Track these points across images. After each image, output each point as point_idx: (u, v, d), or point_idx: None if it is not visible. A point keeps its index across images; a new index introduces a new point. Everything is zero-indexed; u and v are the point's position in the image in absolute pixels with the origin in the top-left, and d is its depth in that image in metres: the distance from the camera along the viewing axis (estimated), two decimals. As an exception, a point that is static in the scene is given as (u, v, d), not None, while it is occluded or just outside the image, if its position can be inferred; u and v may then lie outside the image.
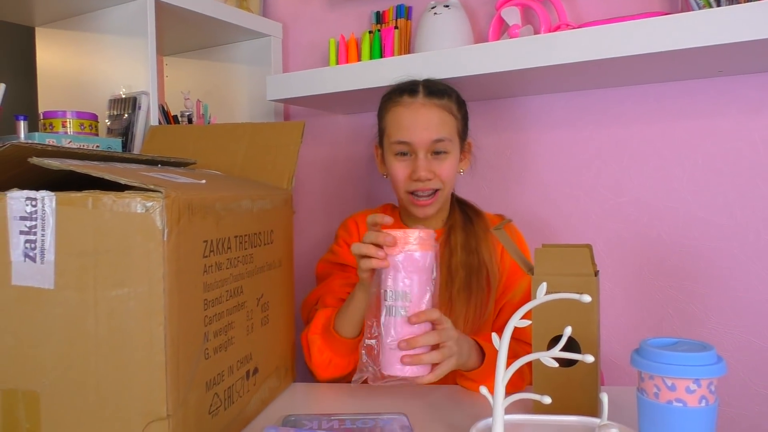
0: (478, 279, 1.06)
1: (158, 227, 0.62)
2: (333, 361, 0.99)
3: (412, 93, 1.08)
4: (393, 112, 1.10)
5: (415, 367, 0.80)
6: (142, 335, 0.62)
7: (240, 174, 1.05)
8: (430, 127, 1.05)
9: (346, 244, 1.15)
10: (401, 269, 0.80)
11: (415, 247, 0.80)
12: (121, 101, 1.23)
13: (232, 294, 0.77)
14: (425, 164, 1.05)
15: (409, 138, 1.06)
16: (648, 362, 0.65)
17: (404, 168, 1.08)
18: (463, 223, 1.12)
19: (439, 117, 1.06)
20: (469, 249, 1.08)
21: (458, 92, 1.12)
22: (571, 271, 0.77)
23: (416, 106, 1.07)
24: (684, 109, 1.17)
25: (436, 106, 1.07)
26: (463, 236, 1.10)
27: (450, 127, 1.07)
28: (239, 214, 0.79)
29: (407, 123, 1.06)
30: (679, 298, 1.17)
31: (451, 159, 1.08)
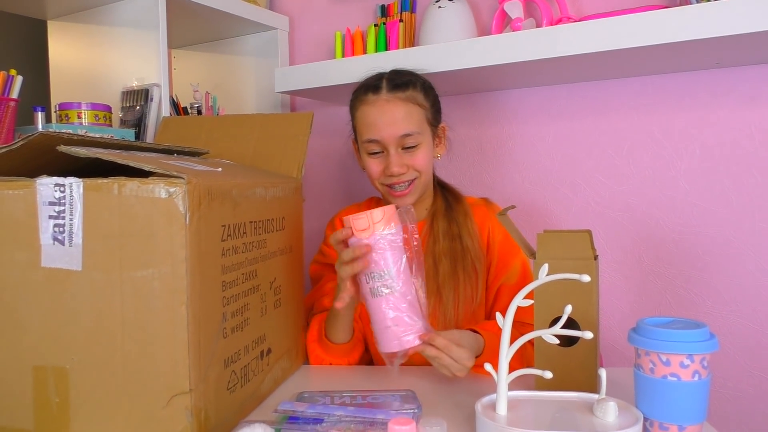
0: (463, 265, 1.07)
1: (181, 211, 0.65)
2: (332, 363, 1.04)
3: (375, 90, 1.08)
4: (360, 111, 1.10)
5: (411, 336, 0.83)
6: (165, 314, 0.66)
7: (251, 163, 1.09)
8: (396, 122, 1.06)
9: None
10: (374, 251, 0.83)
11: (381, 225, 0.83)
12: (133, 93, 1.26)
13: (247, 277, 0.80)
14: (397, 159, 1.06)
15: (377, 136, 1.07)
16: (644, 339, 0.69)
17: (378, 164, 1.09)
18: (445, 209, 1.13)
19: (405, 111, 1.06)
20: (452, 236, 1.09)
21: (425, 79, 1.12)
22: (571, 255, 0.80)
23: (381, 104, 1.07)
24: (682, 100, 1.20)
25: (400, 101, 1.07)
26: (445, 223, 1.12)
27: (417, 119, 1.08)
28: (254, 200, 0.83)
29: (374, 121, 1.07)
30: (677, 284, 1.21)
31: (422, 149, 1.08)
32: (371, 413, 0.73)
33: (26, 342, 0.69)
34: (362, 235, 0.83)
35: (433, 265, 1.07)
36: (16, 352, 0.69)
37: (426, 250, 1.09)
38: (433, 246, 1.09)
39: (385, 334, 0.83)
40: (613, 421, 0.67)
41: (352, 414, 0.74)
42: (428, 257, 1.08)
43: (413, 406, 0.77)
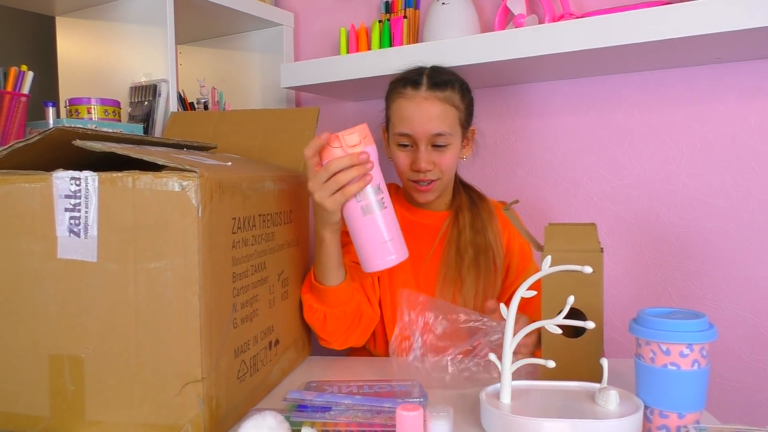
0: (485, 258, 1.11)
1: (193, 204, 0.67)
2: (327, 315, 0.96)
3: (415, 85, 1.09)
4: (397, 104, 1.12)
5: (405, 249, 0.87)
6: (178, 304, 0.68)
7: (258, 157, 1.10)
8: (431, 121, 1.07)
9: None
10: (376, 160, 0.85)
11: (369, 139, 0.85)
12: (141, 88, 1.28)
13: (256, 269, 0.82)
14: (425, 156, 1.09)
15: (410, 131, 1.09)
16: (645, 329, 0.70)
17: (406, 158, 1.11)
18: (469, 204, 1.17)
19: (441, 111, 1.08)
20: (476, 229, 1.13)
21: (463, 80, 1.14)
22: (578, 248, 0.82)
23: (418, 100, 1.08)
24: (683, 94, 1.21)
25: (438, 100, 1.08)
26: (470, 216, 1.16)
27: (451, 120, 1.09)
28: (263, 194, 0.84)
29: (409, 116, 1.09)
30: (677, 277, 1.23)
31: (451, 150, 1.10)
32: (378, 402, 0.75)
33: (42, 331, 0.71)
34: (354, 150, 0.81)
35: (457, 254, 1.11)
36: (33, 341, 0.71)
37: (449, 240, 1.13)
38: (457, 237, 1.13)
39: (380, 249, 0.84)
40: (615, 409, 0.68)
41: (359, 402, 0.76)
42: (451, 247, 1.12)
43: (419, 396, 0.79)
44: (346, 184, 0.82)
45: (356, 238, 0.86)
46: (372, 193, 0.84)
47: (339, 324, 0.98)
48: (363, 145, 0.84)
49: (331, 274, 0.94)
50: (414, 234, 1.15)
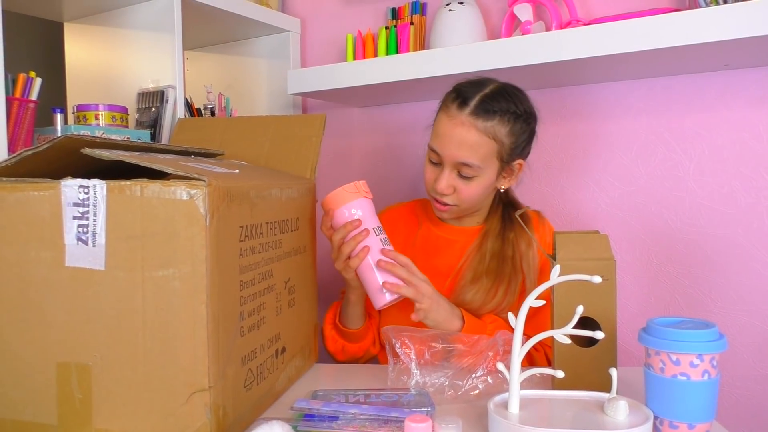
0: (512, 269, 1.07)
1: (201, 213, 0.67)
2: (345, 347, 1.11)
3: (462, 105, 1.02)
4: (439, 117, 1.07)
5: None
6: (186, 312, 0.67)
7: (265, 164, 1.10)
8: (461, 148, 1.01)
9: None
10: (372, 208, 0.98)
11: (369, 193, 1.00)
12: (149, 94, 1.28)
13: (263, 277, 0.82)
14: (447, 179, 1.04)
15: (439, 150, 1.04)
16: (654, 339, 0.70)
17: (431, 173, 1.08)
18: (501, 230, 1.11)
19: (475, 141, 1.01)
20: (505, 239, 1.09)
21: (523, 112, 1.04)
22: (591, 256, 0.82)
23: (456, 123, 1.02)
24: (691, 101, 1.21)
25: (476, 129, 1.00)
26: (501, 226, 1.12)
27: (484, 153, 1.02)
28: (270, 201, 0.84)
29: (442, 135, 1.04)
30: (686, 284, 1.22)
31: (477, 182, 1.04)
32: (386, 411, 0.75)
33: (51, 338, 0.71)
34: (367, 195, 0.97)
35: (480, 263, 1.09)
36: (41, 349, 0.71)
37: (468, 266, 1.10)
38: (476, 264, 1.09)
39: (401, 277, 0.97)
40: (624, 420, 0.68)
41: (366, 412, 0.75)
42: (468, 272, 1.09)
43: (427, 405, 0.78)
44: (349, 257, 0.96)
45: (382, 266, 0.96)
46: (379, 231, 0.97)
47: (354, 354, 1.12)
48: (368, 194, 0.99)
49: (353, 323, 1.10)
50: (439, 250, 1.14)
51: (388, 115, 1.57)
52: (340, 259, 0.98)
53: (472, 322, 1.00)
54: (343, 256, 0.97)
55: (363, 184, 0.98)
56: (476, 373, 0.85)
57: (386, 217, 1.22)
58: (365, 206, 0.97)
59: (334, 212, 0.97)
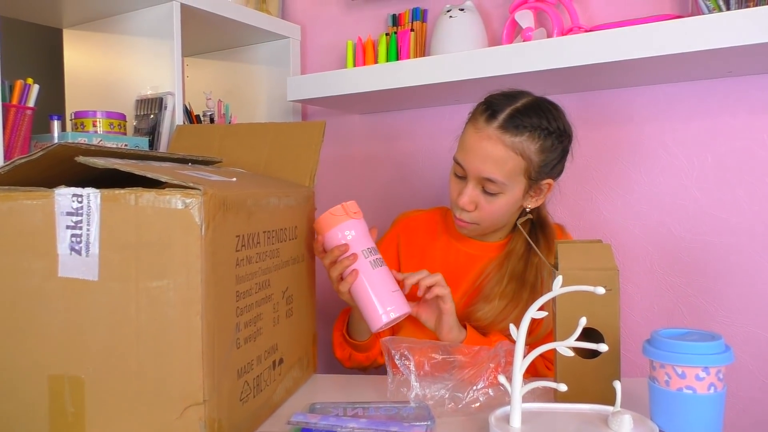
0: (531, 294, 1.03)
1: (196, 222, 0.65)
2: (353, 355, 1.09)
3: (490, 117, 0.98)
4: (467, 128, 1.03)
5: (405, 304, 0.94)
6: (180, 324, 0.66)
7: (264, 172, 1.09)
8: (485, 162, 0.97)
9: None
10: (361, 229, 0.95)
11: (359, 213, 0.97)
12: (147, 101, 1.27)
13: (260, 287, 0.81)
14: (470, 194, 1.00)
15: (463, 163, 1.01)
16: (659, 351, 0.68)
17: (455, 186, 1.04)
18: (526, 251, 1.06)
19: (501, 157, 0.97)
20: (528, 261, 1.05)
21: (556, 129, 0.99)
22: (595, 266, 0.81)
23: (483, 136, 0.98)
24: (694, 108, 1.20)
25: (503, 144, 0.96)
26: (525, 246, 1.07)
27: (510, 170, 0.97)
28: (268, 210, 0.83)
29: (467, 148, 1.00)
30: (690, 293, 1.20)
31: (501, 200, 1.00)
32: (385, 425, 0.73)
33: (42, 351, 0.69)
34: (356, 216, 0.95)
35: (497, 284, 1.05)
36: (33, 361, 0.70)
37: (484, 285, 1.07)
38: (493, 285, 1.05)
39: (393, 298, 0.92)
40: (628, 434, 0.66)
41: (365, 426, 0.74)
42: (483, 291, 1.06)
43: (427, 419, 0.77)
44: (339, 281, 0.93)
45: (370, 288, 0.93)
46: (375, 250, 0.95)
47: (361, 362, 1.11)
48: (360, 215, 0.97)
49: (359, 335, 1.08)
50: (458, 265, 1.10)
51: (388, 122, 1.56)
52: (331, 281, 0.96)
53: (475, 338, 0.99)
54: (333, 280, 0.95)
55: (352, 204, 0.96)
56: (477, 386, 0.84)
57: (403, 224, 1.20)
58: (354, 228, 0.94)
59: (324, 236, 0.95)
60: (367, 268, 0.92)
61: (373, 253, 0.94)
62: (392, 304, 0.91)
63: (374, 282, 0.92)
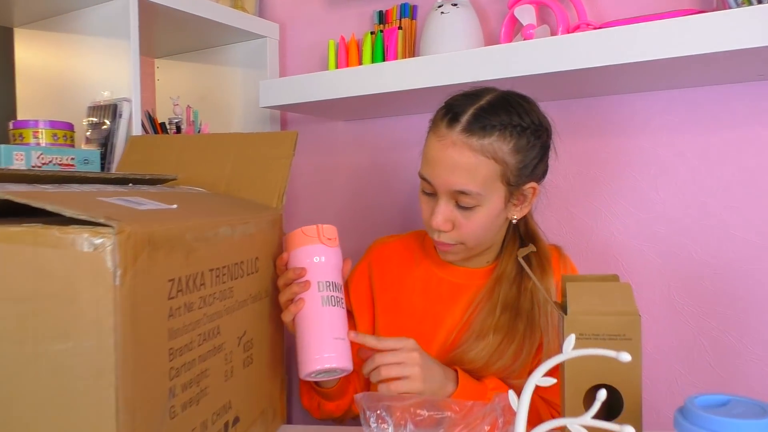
0: (528, 323, 0.90)
1: (108, 269, 0.51)
2: (322, 405, 0.95)
3: (452, 122, 0.85)
4: (428, 138, 0.90)
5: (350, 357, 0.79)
6: (89, 399, 0.52)
7: (226, 190, 0.95)
8: (454, 173, 0.84)
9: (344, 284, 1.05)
10: (332, 261, 0.81)
11: (334, 241, 0.83)
12: (100, 108, 1.13)
13: (206, 337, 0.67)
14: (444, 212, 0.87)
15: (430, 178, 0.87)
16: (696, 429, 0.54)
17: (427, 206, 0.90)
18: (517, 275, 0.93)
19: (471, 164, 0.83)
20: (521, 287, 0.91)
21: (530, 122, 0.87)
22: (610, 310, 0.67)
23: (446, 143, 0.85)
24: (718, 116, 1.06)
25: (470, 149, 0.83)
26: (516, 270, 0.94)
27: (484, 178, 0.84)
28: (216, 243, 0.69)
29: (431, 160, 0.87)
30: (713, 327, 1.06)
31: (482, 212, 0.86)
32: None
33: None
34: (329, 243, 0.82)
35: (489, 315, 0.91)
36: None
37: (475, 318, 0.93)
38: (484, 317, 0.91)
39: (335, 346, 0.78)
40: None
41: None
42: (474, 325, 0.92)
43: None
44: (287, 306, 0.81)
45: (313, 325, 0.79)
46: (334, 287, 0.81)
47: (331, 413, 0.96)
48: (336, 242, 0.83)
49: (326, 382, 0.91)
50: (442, 296, 0.96)
51: (375, 130, 1.42)
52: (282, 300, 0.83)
53: (469, 386, 0.84)
54: (281, 305, 0.82)
55: (330, 229, 0.82)
56: (469, 452, 0.70)
57: (376, 252, 1.05)
58: (322, 254, 0.81)
59: (289, 253, 0.82)
60: (315, 302, 0.78)
61: (332, 289, 0.80)
62: (332, 352, 0.77)
63: (319, 320, 0.78)
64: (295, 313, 0.79)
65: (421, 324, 0.95)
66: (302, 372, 0.77)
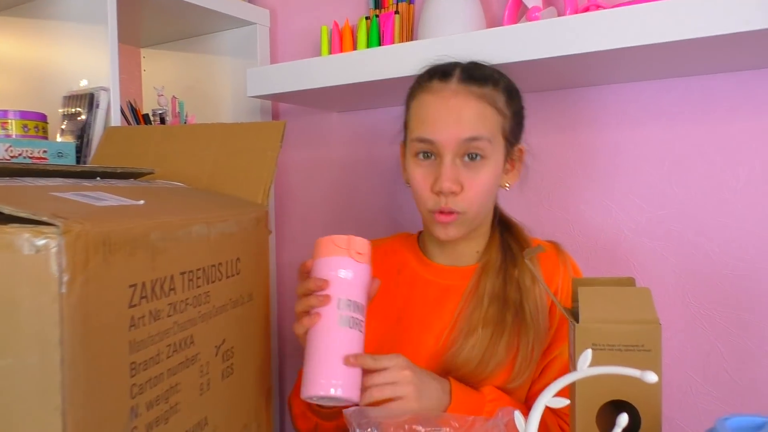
0: (517, 315, 0.84)
1: (53, 274, 0.45)
2: (319, 426, 0.86)
3: (444, 76, 0.84)
4: (418, 101, 0.86)
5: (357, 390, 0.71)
6: (32, 423, 0.45)
7: (207, 185, 0.88)
8: (462, 121, 0.81)
9: None
10: (360, 280, 0.74)
11: (365, 257, 0.74)
12: (76, 98, 1.06)
13: (176, 348, 0.60)
14: (451, 171, 0.81)
15: (432, 135, 0.82)
16: (731, 457, 0.48)
17: (426, 175, 0.84)
18: (502, 263, 0.88)
19: (476, 110, 0.82)
20: (504, 301, 0.85)
21: (510, 81, 0.88)
22: (627, 318, 0.60)
23: (446, 94, 0.82)
24: (739, 105, 0.98)
25: (473, 96, 0.82)
26: (501, 260, 0.88)
27: (491, 124, 0.83)
28: (188, 244, 0.62)
29: (432, 115, 0.83)
30: (731, 331, 0.99)
31: (489, 168, 0.82)
32: None
33: None
34: (358, 258, 0.73)
35: (476, 308, 0.85)
36: None
37: (462, 314, 0.86)
38: (471, 311, 0.85)
39: (347, 374, 0.70)
40: None
41: None
42: (462, 322, 0.85)
43: None
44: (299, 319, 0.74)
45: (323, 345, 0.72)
46: (356, 308, 0.73)
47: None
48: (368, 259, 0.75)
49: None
50: (428, 299, 0.90)
51: (371, 121, 1.34)
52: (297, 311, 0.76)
53: (464, 398, 0.77)
54: (296, 315, 0.75)
55: (362, 243, 0.74)
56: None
57: None
58: (349, 268, 0.73)
59: (314, 261, 0.75)
60: (332, 320, 0.71)
61: (353, 309, 0.72)
62: (339, 379, 0.69)
63: (332, 341, 0.70)
64: (307, 328, 0.72)
65: (408, 331, 0.88)
66: (303, 392, 0.70)
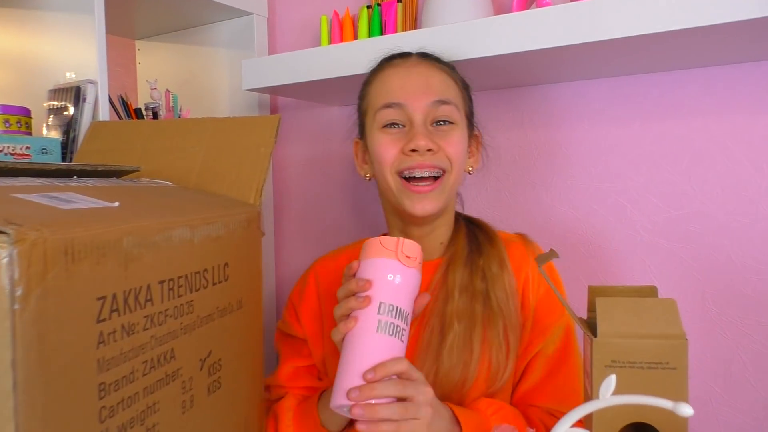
0: (486, 306, 0.80)
1: (4, 288, 0.39)
2: None
3: (404, 56, 0.87)
4: (379, 77, 0.86)
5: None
6: (-19, 456, 0.40)
7: (196, 184, 0.83)
8: (429, 84, 0.81)
9: (293, 309, 0.93)
10: (408, 286, 0.69)
11: (414, 261, 0.69)
12: (62, 92, 1.01)
13: (154, 364, 0.55)
14: (424, 131, 0.79)
15: (400, 98, 0.80)
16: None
17: (393, 143, 0.80)
18: (469, 254, 0.84)
19: (440, 78, 0.83)
20: (473, 292, 0.80)
21: (459, 75, 0.90)
22: (650, 332, 0.54)
23: (410, 65, 0.84)
24: (764, 98, 0.92)
25: (435, 67, 0.84)
26: (467, 251, 0.85)
27: (455, 94, 0.84)
28: (168, 249, 0.57)
29: (399, 81, 0.82)
30: (754, 339, 0.93)
31: (459, 133, 0.82)
32: None
33: None
34: (407, 262, 0.69)
35: (439, 330, 0.79)
36: None
37: (432, 309, 0.81)
38: (442, 305, 0.80)
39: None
40: None
41: None
42: (434, 317, 0.80)
43: None
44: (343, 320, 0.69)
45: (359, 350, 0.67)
46: (399, 315, 0.68)
47: None
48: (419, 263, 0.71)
49: (332, 423, 0.78)
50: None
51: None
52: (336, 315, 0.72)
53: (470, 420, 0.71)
54: (335, 318, 0.72)
55: (412, 246, 0.70)
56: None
57: (321, 272, 0.92)
58: (397, 273, 0.68)
59: (360, 263, 0.71)
60: (370, 325, 0.66)
61: (395, 315, 0.67)
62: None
63: (367, 347, 0.66)
64: (344, 333, 0.68)
65: None
66: (334, 402, 0.66)
